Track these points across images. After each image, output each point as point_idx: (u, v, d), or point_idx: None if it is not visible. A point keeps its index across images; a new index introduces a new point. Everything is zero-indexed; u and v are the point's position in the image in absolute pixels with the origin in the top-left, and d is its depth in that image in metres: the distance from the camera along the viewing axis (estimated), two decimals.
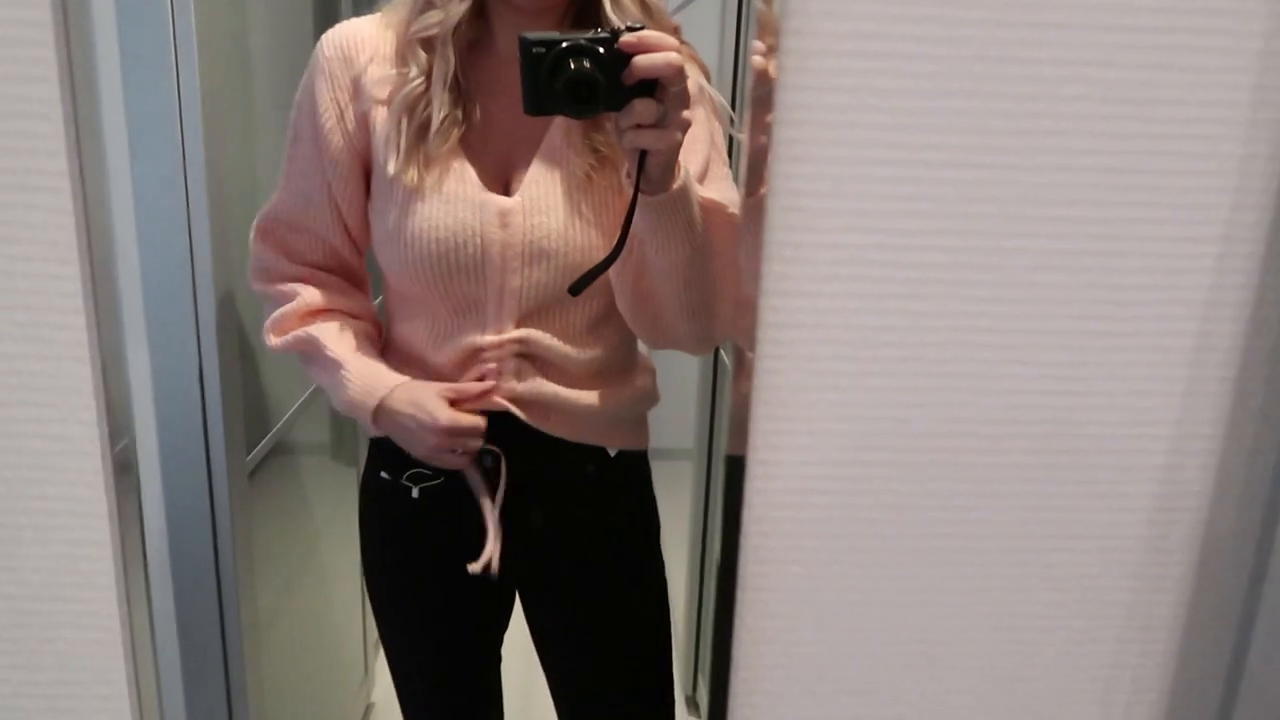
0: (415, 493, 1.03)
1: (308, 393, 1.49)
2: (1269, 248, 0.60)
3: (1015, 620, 0.70)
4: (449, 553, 1.04)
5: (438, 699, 1.15)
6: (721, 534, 0.66)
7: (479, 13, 0.90)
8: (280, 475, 1.43)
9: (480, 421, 0.94)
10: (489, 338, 0.92)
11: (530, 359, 0.94)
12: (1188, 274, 0.63)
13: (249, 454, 1.26)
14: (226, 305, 1.14)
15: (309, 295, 0.97)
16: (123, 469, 0.65)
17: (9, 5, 0.56)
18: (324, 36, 0.94)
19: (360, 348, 0.99)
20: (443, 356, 0.96)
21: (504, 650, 1.16)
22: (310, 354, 0.99)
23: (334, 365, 0.96)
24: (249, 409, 1.24)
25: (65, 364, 0.62)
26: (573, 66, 0.69)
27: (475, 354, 0.94)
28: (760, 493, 0.66)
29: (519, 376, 0.94)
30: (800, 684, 0.70)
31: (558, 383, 0.96)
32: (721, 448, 1.86)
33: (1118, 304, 0.64)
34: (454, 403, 0.93)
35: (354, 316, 1.02)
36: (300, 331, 0.98)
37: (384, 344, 1.04)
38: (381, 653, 1.18)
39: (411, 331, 0.99)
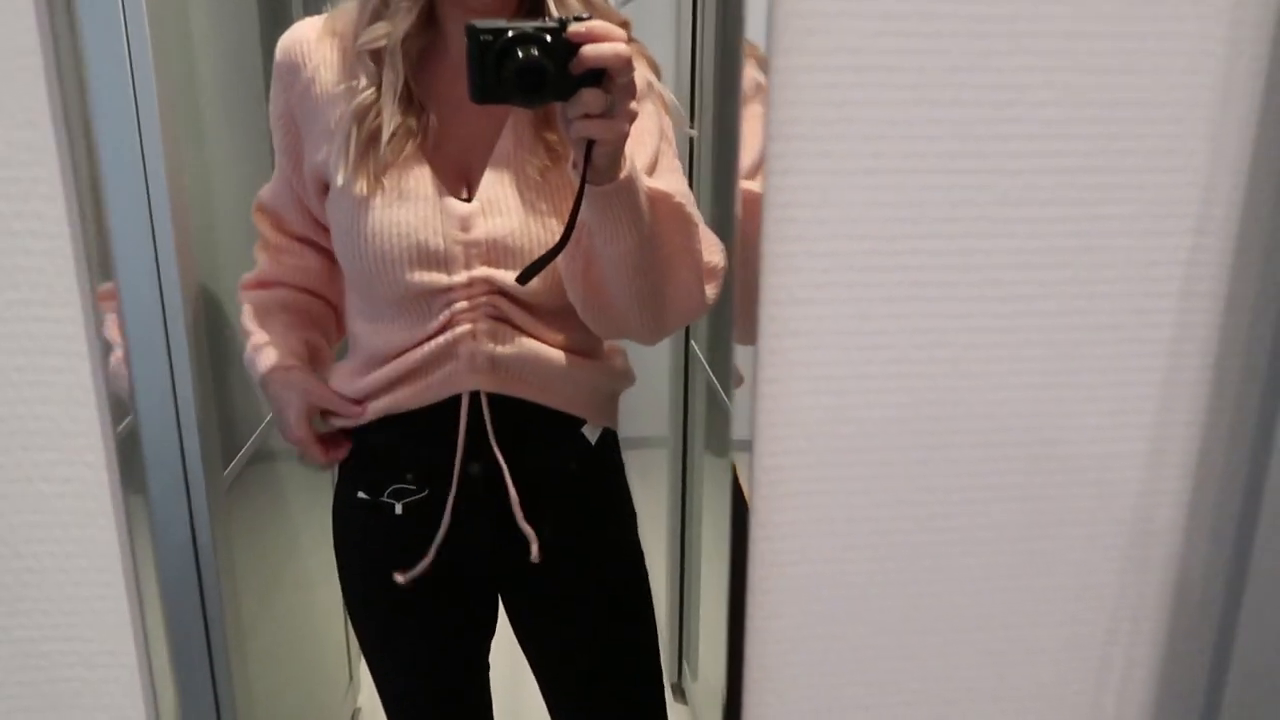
0: (399, 509, 1.03)
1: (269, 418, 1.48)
2: (1239, 242, 0.63)
3: (1010, 606, 0.72)
4: (433, 563, 1.04)
5: (427, 709, 1.15)
6: (730, 544, 0.68)
7: (428, 21, 0.90)
8: (256, 482, 1.43)
9: (319, 459, 0.99)
10: (458, 278, 0.92)
11: (504, 320, 0.94)
12: (1162, 266, 0.66)
13: (226, 468, 1.26)
14: (197, 319, 1.14)
15: (261, 267, 1.04)
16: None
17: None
18: (278, 44, 0.95)
19: (270, 322, 1.04)
20: (410, 354, 0.96)
21: (492, 651, 1.17)
22: (243, 322, 1.06)
23: (244, 334, 1.02)
24: (222, 419, 1.24)
25: (71, 397, 0.62)
26: (521, 55, 0.69)
27: (444, 296, 0.93)
28: (764, 498, 0.68)
29: (495, 338, 0.94)
30: (809, 679, 0.72)
31: (536, 340, 0.97)
32: (697, 435, 1.88)
33: (1096, 297, 0.66)
34: (326, 414, 0.99)
35: (299, 289, 1.06)
36: (247, 295, 1.06)
37: (350, 344, 1.05)
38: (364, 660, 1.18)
39: (374, 330, 0.98)
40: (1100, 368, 0.67)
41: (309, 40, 0.93)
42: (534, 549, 1.00)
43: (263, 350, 1.01)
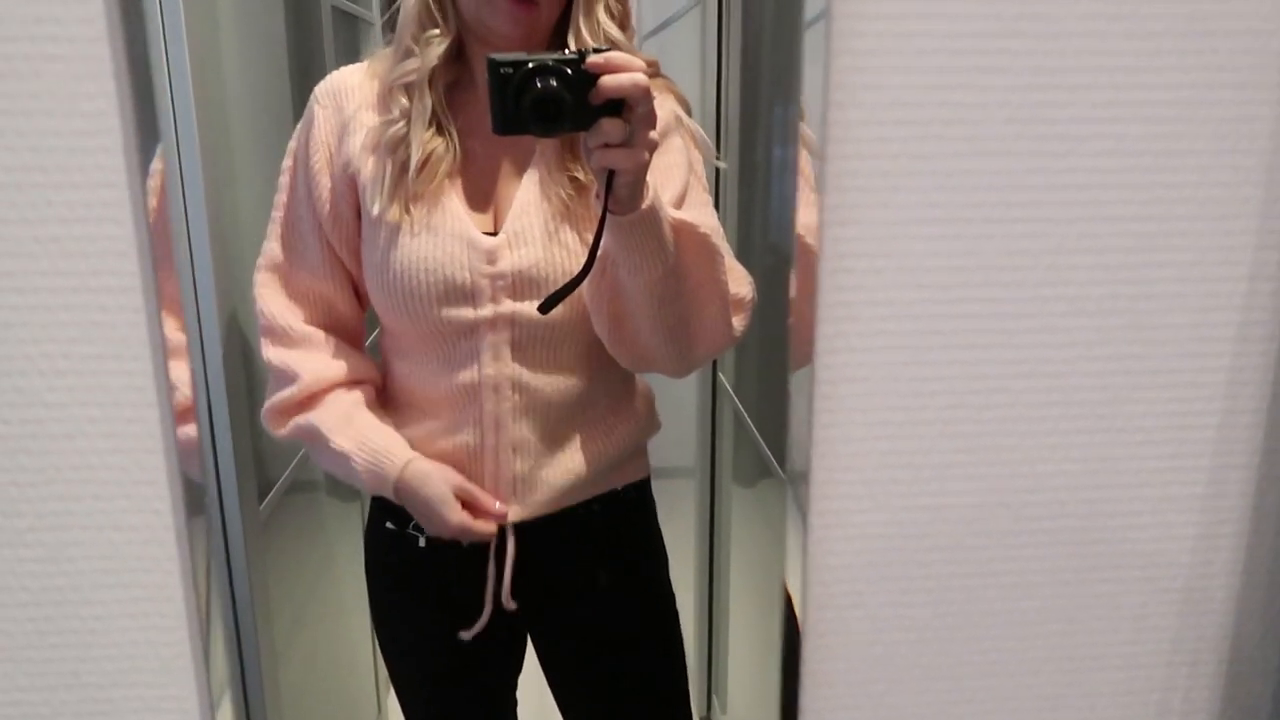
0: (421, 542, 1.03)
1: (301, 453, 1.49)
2: None
3: (1068, 649, 0.72)
4: (458, 600, 1.04)
5: None
6: (782, 599, 0.68)
7: (457, 55, 0.92)
8: (288, 515, 1.43)
9: (490, 533, 0.95)
10: (484, 312, 0.91)
11: (528, 363, 0.94)
12: (1216, 312, 0.66)
13: (261, 503, 1.26)
14: (229, 355, 1.13)
15: (306, 377, 0.94)
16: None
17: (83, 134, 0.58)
18: (317, 86, 0.96)
19: (363, 428, 0.97)
20: (439, 392, 0.96)
21: (521, 685, 1.16)
22: (313, 444, 0.98)
23: (341, 458, 0.95)
24: (255, 453, 1.24)
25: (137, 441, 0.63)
26: (539, 85, 0.70)
27: (470, 334, 0.92)
28: (818, 541, 0.68)
29: (518, 385, 0.94)
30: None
31: (556, 441, 0.96)
32: (726, 466, 1.87)
33: (1151, 344, 0.67)
34: (465, 503, 0.94)
35: (353, 383, 1.00)
36: (301, 421, 0.96)
37: (382, 385, 1.03)
38: (393, 690, 1.17)
39: (408, 371, 0.99)
40: (1156, 411, 0.68)
41: (351, 83, 0.95)
42: (507, 600, 1.00)
43: (381, 459, 0.95)
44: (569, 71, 0.70)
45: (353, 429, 0.95)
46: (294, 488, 1.44)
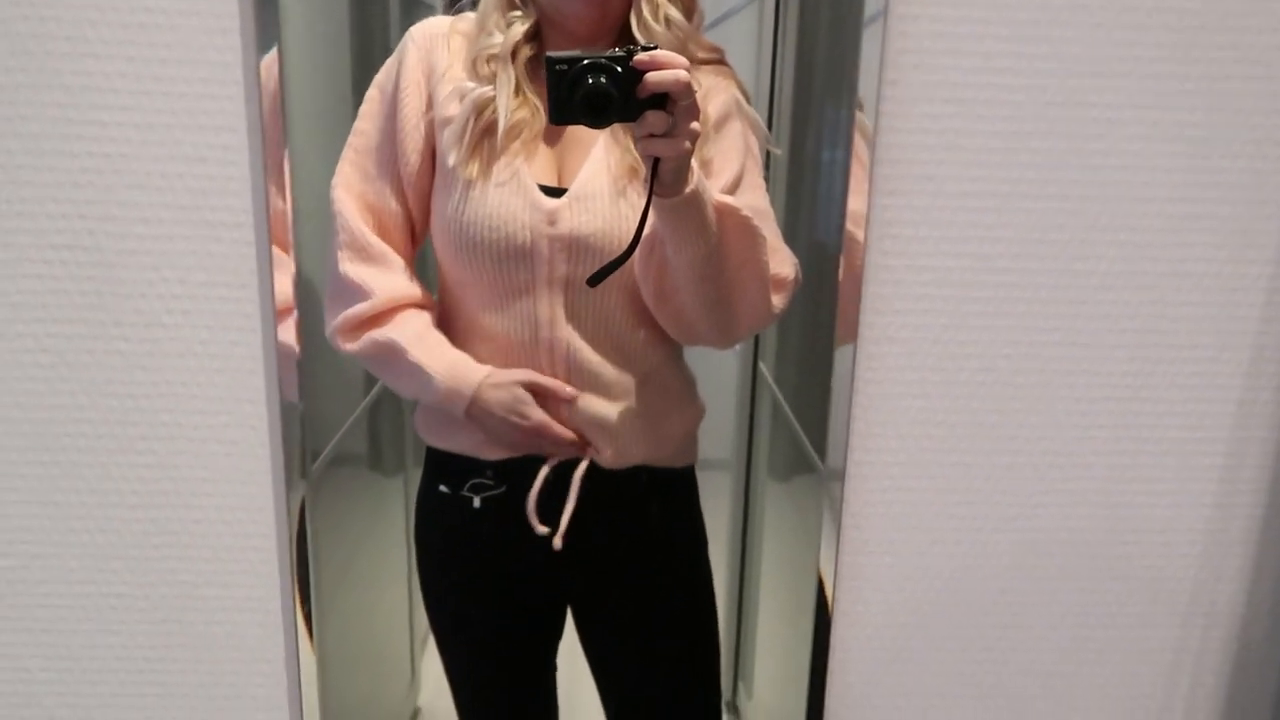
0: (477, 503, 1.07)
1: (356, 413, 1.53)
2: None
3: (1087, 606, 0.77)
4: (508, 564, 1.08)
5: (494, 705, 1.19)
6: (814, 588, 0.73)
7: (535, 35, 0.99)
8: (328, 485, 1.48)
9: (568, 435, 0.98)
10: (540, 272, 0.95)
11: (581, 330, 0.98)
12: (1241, 291, 0.70)
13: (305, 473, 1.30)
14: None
15: (381, 294, 0.98)
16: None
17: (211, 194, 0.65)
18: (413, 28, 1.02)
19: (437, 345, 0.99)
20: (496, 347, 1.00)
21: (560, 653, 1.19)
22: (388, 359, 1.03)
23: (418, 371, 0.99)
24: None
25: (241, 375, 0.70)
26: (590, 81, 0.77)
27: (528, 293, 0.97)
28: (855, 491, 0.73)
29: (571, 349, 0.98)
30: (891, 665, 0.77)
31: (610, 402, 1.00)
32: (761, 460, 1.90)
33: (1178, 319, 0.71)
34: (537, 395, 0.97)
35: (422, 306, 1.02)
36: (377, 335, 0.99)
37: (440, 320, 1.04)
38: (428, 655, 1.20)
39: (465, 326, 1.03)
40: (1179, 384, 0.72)
41: (442, 32, 1.01)
42: (556, 540, 1.02)
43: (459, 370, 1.00)
44: (618, 69, 0.77)
45: (427, 345, 0.99)
46: (337, 460, 1.48)
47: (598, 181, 0.98)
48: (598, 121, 0.79)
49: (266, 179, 0.68)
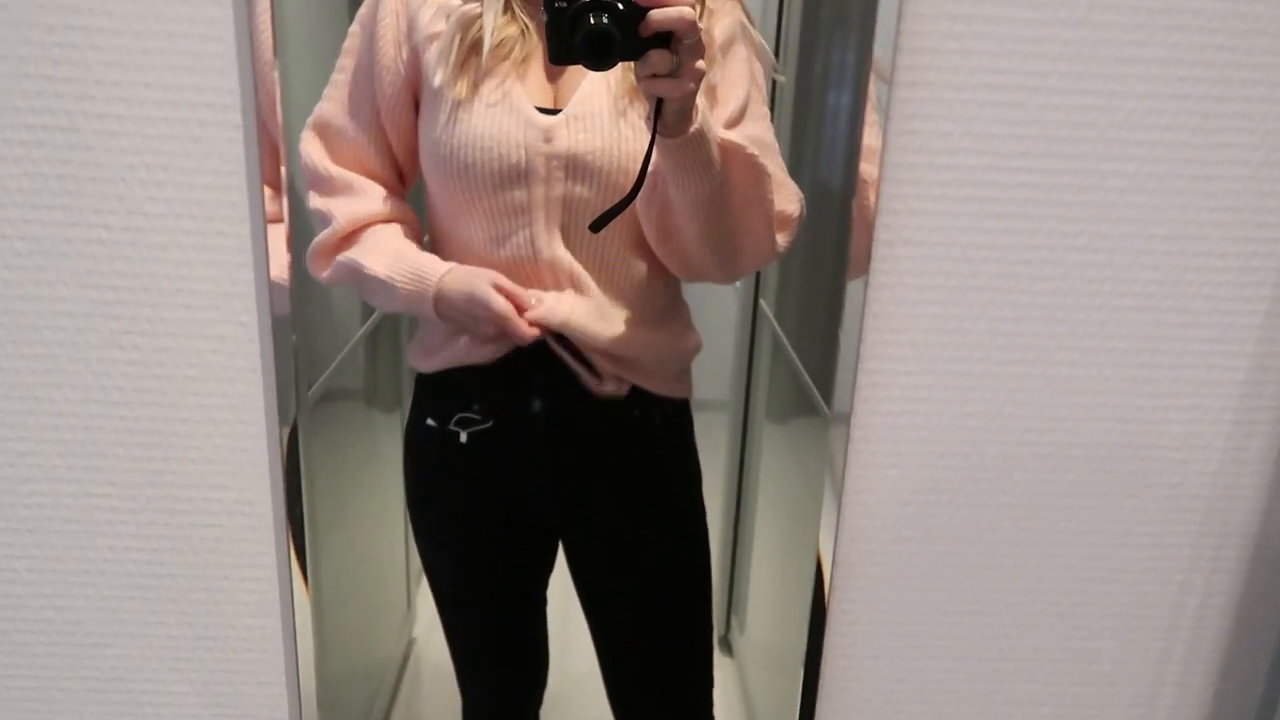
0: (464, 438, 1.05)
1: (344, 351, 1.52)
2: None
3: (1099, 523, 0.75)
4: (496, 497, 1.07)
5: (485, 639, 1.19)
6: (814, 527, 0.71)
7: None
8: (318, 420, 1.47)
9: (529, 331, 0.95)
10: (536, 192, 0.93)
11: (578, 288, 0.96)
12: (1274, 197, 0.67)
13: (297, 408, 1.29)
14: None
15: (342, 218, 0.97)
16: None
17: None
18: None
19: (398, 250, 0.98)
20: (498, 262, 0.98)
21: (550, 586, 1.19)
22: (355, 280, 1.00)
23: (380, 283, 0.97)
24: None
25: (231, 268, 0.67)
26: (591, 21, 0.73)
27: (523, 213, 0.94)
28: (864, 400, 0.71)
29: (569, 273, 0.96)
30: (894, 579, 0.75)
31: (606, 323, 0.97)
32: (759, 401, 1.89)
33: (1207, 225, 0.68)
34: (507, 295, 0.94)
35: (389, 220, 1.00)
36: (342, 258, 0.98)
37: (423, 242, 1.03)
38: (423, 587, 1.20)
39: (457, 253, 1.00)
40: (1204, 294, 0.69)
41: None
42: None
43: (421, 271, 0.97)
44: (620, 6, 0.73)
45: (388, 254, 0.97)
46: (329, 395, 1.47)
47: (597, 101, 0.94)
48: (599, 64, 0.76)
49: (254, 56, 0.65)
